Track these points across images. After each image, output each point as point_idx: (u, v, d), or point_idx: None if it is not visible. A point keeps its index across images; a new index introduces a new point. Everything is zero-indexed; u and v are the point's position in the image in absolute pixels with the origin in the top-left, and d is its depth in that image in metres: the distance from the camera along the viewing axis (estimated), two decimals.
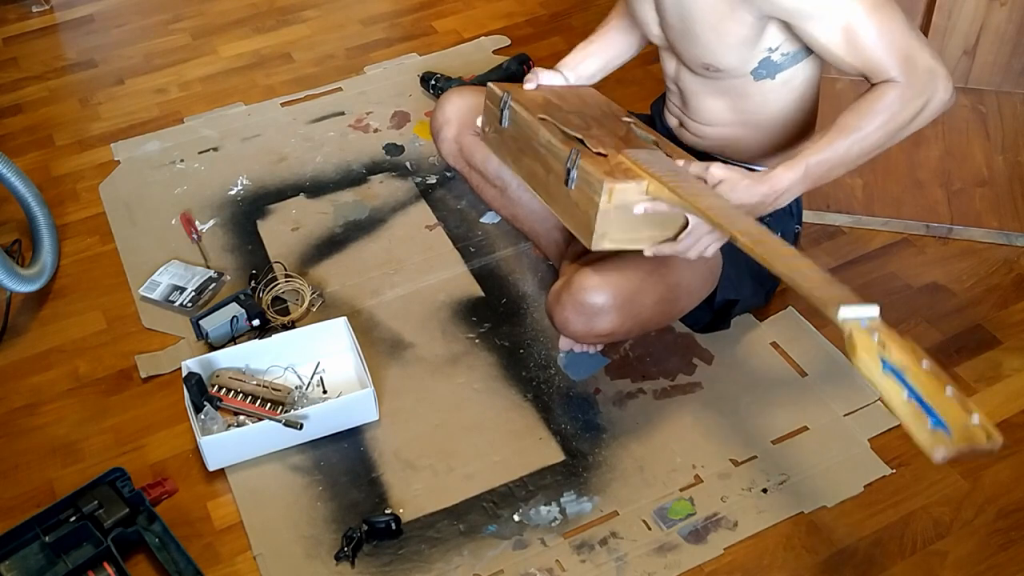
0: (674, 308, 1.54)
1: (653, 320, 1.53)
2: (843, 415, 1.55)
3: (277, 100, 2.35)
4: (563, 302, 1.46)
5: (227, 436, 1.51)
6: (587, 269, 1.46)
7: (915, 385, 1.04)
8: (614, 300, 1.44)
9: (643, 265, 1.46)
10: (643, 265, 1.46)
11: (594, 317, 1.44)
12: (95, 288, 1.88)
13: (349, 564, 1.40)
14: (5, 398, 1.68)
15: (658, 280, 1.48)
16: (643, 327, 1.53)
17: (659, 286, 1.48)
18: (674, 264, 1.48)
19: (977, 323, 1.69)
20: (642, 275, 1.46)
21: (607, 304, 1.44)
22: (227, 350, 1.64)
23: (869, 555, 1.38)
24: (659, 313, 1.52)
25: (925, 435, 0.97)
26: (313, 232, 1.96)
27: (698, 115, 1.59)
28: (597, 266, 1.46)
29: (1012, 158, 1.98)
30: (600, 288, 1.44)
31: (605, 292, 1.43)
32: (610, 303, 1.44)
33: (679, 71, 1.55)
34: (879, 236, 1.86)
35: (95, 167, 2.18)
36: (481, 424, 1.58)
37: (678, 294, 1.52)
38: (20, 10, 2.76)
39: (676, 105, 1.63)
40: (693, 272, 1.51)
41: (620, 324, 1.46)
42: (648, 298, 1.47)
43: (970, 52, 2.11)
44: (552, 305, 1.50)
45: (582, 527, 1.43)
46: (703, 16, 1.39)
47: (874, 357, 1.07)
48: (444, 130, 1.79)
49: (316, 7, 2.71)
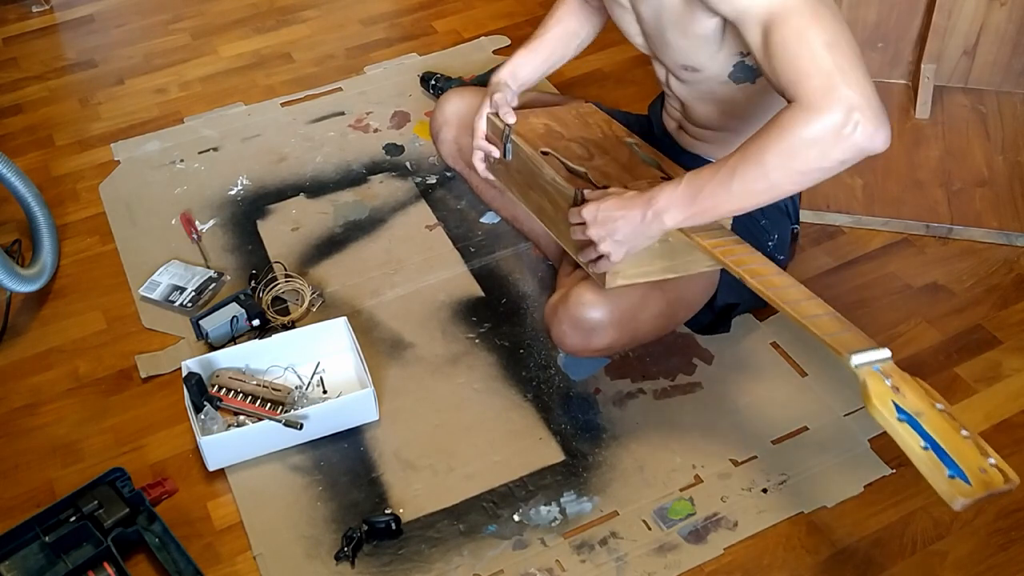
0: (671, 322, 1.54)
1: (651, 334, 1.53)
2: (843, 415, 1.55)
3: (277, 100, 2.35)
4: (560, 317, 1.45)
5: (227, 436, 1.51)
6: (585, 284, 1.45)
7: (930, 430, 1.05)
8: (611, 316, 1.43)
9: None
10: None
11: (591, 333, 1.44)
12: (95, 288, 1.88)
13: (349, 564, 1.40)
14: (5, 398, 1.68)
15: (659, 296, 1.47)
16: (640, 341, 1.53)
17: (659, 302, 1.47)
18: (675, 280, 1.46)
19: (977, 323, 1.69)
20: (642, 290, 1.45)
21: (604, 320, 1.43)
22: (227, 350, 1.64)
23: (869, 555, 1.38)
24: (657, 328, 1.52)
25: (944, 485, 1.00)
26: (313, 232, 1.96)
27: (694, 119, 1.59)
28: (593, 282, 1.44)
29: (1012, 158, 1.98)
30: (597, 304, 1.42)
31: (603, 308, 1.42)
32: (607, 319, 1.43)
33: (668, 77, 1.56)
34: (879, 236, 1.86)
35: (95, 167, 2.18)
36: (481, 424, 1.58)
37: (676, 308, 1.51)
38: (20, 10, 2.76)
39: (675, 108, 1.63)
40: (694, 286, 1.51)
41: (617, 339, 1.46)
42: (646, 313, 1.47)
43: (970, 52, 2.11)
44: (549, 319, 1.49)
45: (582, 527, 1.43)
46: (671, 19, 1.37)
47: (888, 405, 1.08)
48: (443, 131, 1.79)
49: (316, 7, 2.71)
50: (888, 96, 2.14)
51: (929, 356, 1.64)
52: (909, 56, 2.14)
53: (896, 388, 1.10)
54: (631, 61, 2.39)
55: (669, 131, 1.68)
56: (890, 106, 2.12)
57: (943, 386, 1.59)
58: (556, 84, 2.34)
